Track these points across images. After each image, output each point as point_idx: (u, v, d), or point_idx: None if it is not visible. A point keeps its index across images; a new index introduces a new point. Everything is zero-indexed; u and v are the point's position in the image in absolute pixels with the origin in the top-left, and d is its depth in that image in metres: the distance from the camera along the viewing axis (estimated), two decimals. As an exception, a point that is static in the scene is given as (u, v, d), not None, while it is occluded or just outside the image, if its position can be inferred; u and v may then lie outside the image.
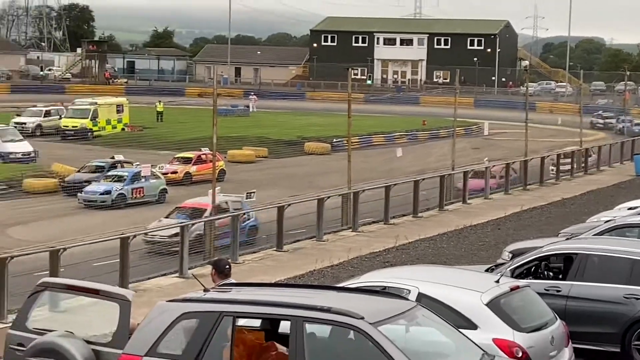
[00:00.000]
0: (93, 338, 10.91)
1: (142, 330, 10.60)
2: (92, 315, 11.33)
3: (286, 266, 23.78)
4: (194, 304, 10.72)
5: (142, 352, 10.35)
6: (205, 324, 10.32)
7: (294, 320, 10.00)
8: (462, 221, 31.96)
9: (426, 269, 16.08)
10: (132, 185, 46.05)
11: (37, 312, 11.56)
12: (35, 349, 10.88)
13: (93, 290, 11.80)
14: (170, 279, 22.65)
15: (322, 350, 9.92)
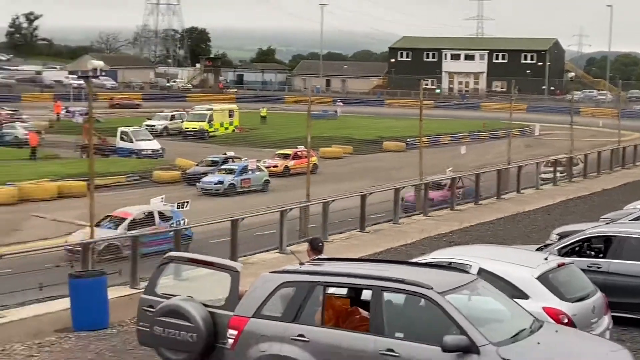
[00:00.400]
0: (209, 302, 11.03)
1: (249, 296, 10.73)
2: (208, 283, 11.46)
3: (368, 245, 23.78)
4: (292, 275, 10.81)
5: (249, 314, 10.48)
6: (301, 291, 10.41)
7: (374, 289, 10.07)
8: (516, 208, 31.65)
9: (485, 247, 15.97)
10: (240, 177, 46.42)
11: (164, 280, 11.74)
12: (163, 311, 11.04)
13: (209, 263, 11.96)
14: (272, 254, 22.81)
15: (397, 315, 9.96)
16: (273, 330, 10.30)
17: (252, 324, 10.43)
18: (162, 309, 11.05)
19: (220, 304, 11.00)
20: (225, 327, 10.68)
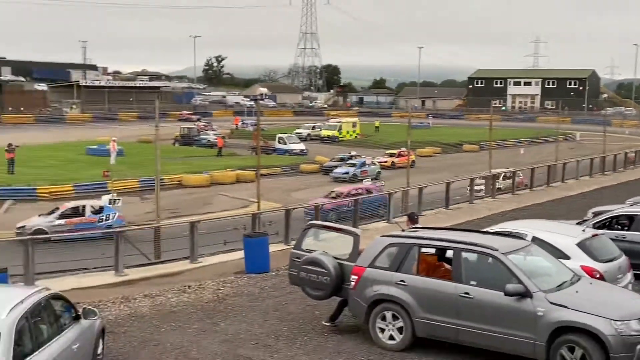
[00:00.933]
0: (338, 256, 11.15)
1: (366, 252, 10.84)
2: (337, 242, 11.57)
3: (450, 218, 23.55)
4: (396, 238, 10.91)
5: (365, 265, 10.61)
6: (402, 250, 10.49)
7: (455, 250, 10.11)
8: (561, 193, 30.88)
9: (537, 221, 15.57)
10: (360, 169, 46.54)
11: (307, 239, 11.92)
12: (306, 260, 11.22)
13: (338, 229, 12.12)
14: (382, 224, 22.80)
15: (471, 269, 9.92)
16: (382, 277, 10.38)
17: (367, 272, 10.54)
18: (306, 260, 11.23)
19: (345, 257, 11.12)
20: (349, 273, 10.81)
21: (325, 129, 74.83)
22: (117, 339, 10.59)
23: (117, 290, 14.23)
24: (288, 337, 10.86)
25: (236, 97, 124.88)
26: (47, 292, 8.03)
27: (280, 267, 15.47)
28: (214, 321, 11.75)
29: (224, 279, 15.03)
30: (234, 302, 13.06)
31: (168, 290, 13.96)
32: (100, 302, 12.69)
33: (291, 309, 12.43)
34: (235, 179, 42.85)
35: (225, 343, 10.51)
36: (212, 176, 42.74)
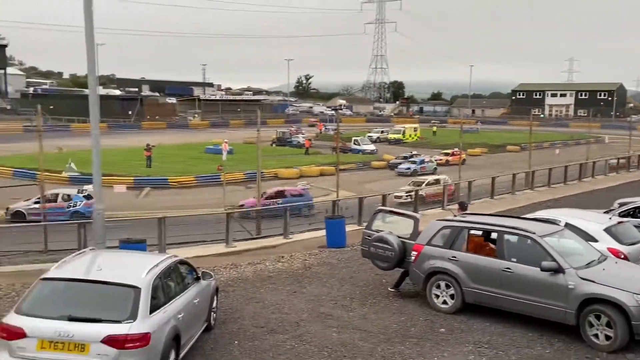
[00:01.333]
0: (401, 235, 11.08)
1: (424, 232, 10.71)
2: (400, 225, 11.47)
3: (495, 206, 22.87)
4: (449, 222, 10.73)
5: (424, 243, 10.49)
6: (454, 232, 10.32)
7: (499, 232, 9.90)
8: (591, 187, 29.54)
9: (570, 210, 14.93)
10: (420, 165, 45.87)
11: (376, 222, 11.88)
12: (375, 238, 11.20)
13: (401, 214, 11.99)
14: (437, 210, 22.47)
15: (512, 248, 9.64)
16: (437, 253, 10.24)
17: (425, 249, 10.41)
18: (375, 238, 11.21)
19: (407, 236, 11.02)
20: (410, 249, 10.71)
21: (391, 133, 74.21)
22: (227, 296, 10.86)
23: (227, 258, 14.58)
24: (360, 299, 10.87)
25: (320, 107, 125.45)
26: (175, 258, 8.25)
27: (354, 244, 15.49)
28: (301, 285, 11.89)
29: (310, 252, 15.17)
30: (317, 270, 13.18)
31: (266, 259, 14.20)
32: (215, 267, 13.03)
33: (363, 277, 12.44)
34: (319, 173, 43.06)
35: (310, 302, 10.63)
36: (301, 170, 43.11)
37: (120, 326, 6.35)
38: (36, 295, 6.68)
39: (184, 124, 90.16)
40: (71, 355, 6.17)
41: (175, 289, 7.65)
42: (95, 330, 6.26)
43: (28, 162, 37.99)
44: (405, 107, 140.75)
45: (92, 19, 11.02)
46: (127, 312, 6.49)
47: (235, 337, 8.77)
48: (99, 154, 11.51)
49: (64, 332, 6.21)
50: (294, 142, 63.21)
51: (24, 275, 12.20)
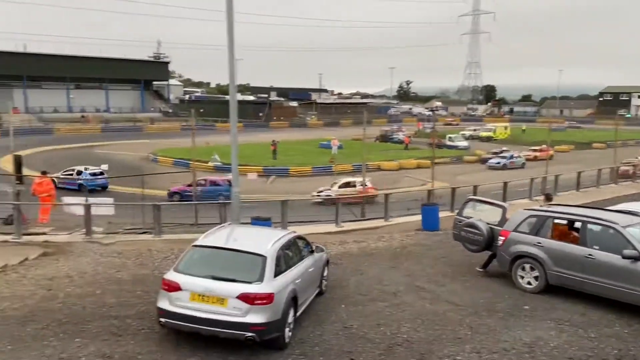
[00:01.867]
0: (489, 222, 10.61)
1: (511, 220, 10.19)
2: (489, 212, 10.96)
3: (580, 198, 21.03)
4: (535, 211, 10.10)
5: (510, 229, 9.98)
6: (540, 220, 9.71)
7: (582, 222, 9.16)
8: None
9: None
10: (509, 160, 43.59)
11: (466, 209, 11.45)
12: (466, 224, 10.81)
13: (491, 203, 11.45)
14: (525, 200, 21.13)
15: (595, 237, 8.91)
16: (523, 239, 9.70)
17: (512, 235, 9.90)
18: (466, 223, 10.82)
19: (495, 223, 10.53)
20: (498, 235, 10.23)
21: (483, 131, 70.97)
22: (336, 267, 10.99)
23: (336, 236, 14.74)
24: (451, 276, 10.58)
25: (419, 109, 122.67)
26: (294, 233, 8.47)
27: (447, 228, 15.04)
28: (399, 261, 11.78)
29: (407, 234, 14.96)
30: (413, 250, 12.98)
31: (369, 238, 14.19)
32: (326, 243, 13.19)
33: (454, 257, 12.07)
34: (416, 166, 42.26)
35: (407, 277, 10.51)
36: (400, 163, 42.60)
37: (251, 286, 6.67)
38: (188, 258, 7.18)
39: (303, 123, 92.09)
40: (214, 307, 6.59)
41: (294, 259, 7.85)
42: (232, 288, 6.63)
43: (184, 153, 40.83)
44: (497, 107, 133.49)
45: (233, 40, 11.57)
46: (256, 275, 6.81)
47: (343, 302, 8.89)
48: (237, 147, 12.11)
49: (208, 288, 6.63)
50: (395, 138, 62.42)
51: (180, 242, 13.16)
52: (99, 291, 9.10)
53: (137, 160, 42.29)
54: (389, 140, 62.54)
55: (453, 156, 48.86)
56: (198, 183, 25.68)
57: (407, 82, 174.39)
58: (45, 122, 67.18)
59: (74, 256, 11.67)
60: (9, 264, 10.70)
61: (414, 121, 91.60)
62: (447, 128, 73.74)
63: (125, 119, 75.87)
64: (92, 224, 13.99)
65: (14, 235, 13.33)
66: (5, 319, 7.63)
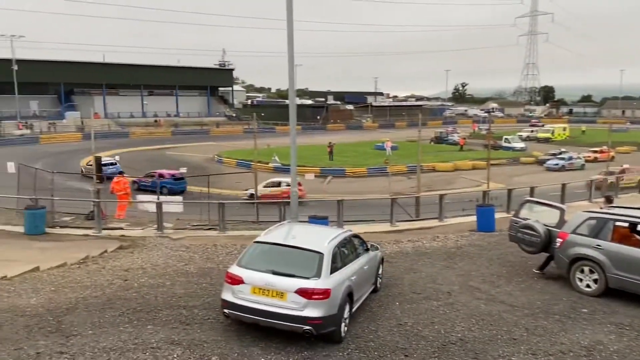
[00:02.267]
0: (547, 223, 10.17)
1: (570, 222, 9.69)
2: (546, 214, 10.51)
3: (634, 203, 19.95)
4: (595, 214, 9.55)
5: (569, 231, 9.52)
6: (599, 223, 9.20)
7: None
8: None
9: None
10: (568, 162, 41.41)
11: (523, 210, 11.02)
12: (523, 225, 10.41)
13: (548, 204, 10.94)
14: (583, 202, 20.05)
15: None
16: (582, 241, 9.23)
17: (571, 237, 9.44)
18: (523, 225, 10.42)
19: (553, 225, 10.08)
20: (555, 237, 9.78)
21: (541, 132, 67.93)
22: (390, 266, 10.92)
23: (391, 235, 14.63)
24: (506, 277, 10.22)
25: (474, 110, 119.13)
26: (350, 232, 8.46)
27: (502, 229, 14.56)
28: (453, 261, 11.53)
29: (461, 234, 14.63)
30: (467, 250, 12.66)
31: (423, 238, 13.99)
32: (381, 241, 13.15)
33: (509, 259, 11.66)
34: (471, 167, 41.10)
35: (461, 276, 10.27)
36: (455, 164, 41.58)
37: (309, 281, 6.75)
38: (250, 253, 7.36)
39: (359, 125, 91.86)
40: (274, 300, 6.72)
41: (350, 257, 7.86)
42: (290, 283, 6.74)
43: (246, 155, 41.82)
44: (555, 108, 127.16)
45: (292, 48, 11.75)
46: (313, 271, 6.89)
47: (397, 299, 8.81)
48: (295, 149, 12.29)
49: (269, 282, 6.78)
50: (450, 140, 61.03)
51: (242, 238, 13.54)
52: (169, 282, 9.51)
53: (204, 162, 43.75)
54: (443, 141, 61.22)
55: (509, 157, 47.08)
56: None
57: (462, 84, 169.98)
58: (122, 126, 71.01)
59: (147, 250, 12.28)
60: (90, 255, 11.41)
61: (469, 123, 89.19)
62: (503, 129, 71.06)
63: (193, 123, 78.77)
64: (163, 220, 14.63)
65: (94, 229, 14.20)
66: (87, 306, 8.07)
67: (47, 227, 14.03)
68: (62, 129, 63.27)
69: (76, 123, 66.50)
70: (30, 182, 17.04)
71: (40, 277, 9.65)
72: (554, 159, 43.05)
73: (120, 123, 73.55)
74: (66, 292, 8.80)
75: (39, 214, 13.70)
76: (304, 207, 16.12)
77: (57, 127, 64.36)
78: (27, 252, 11.66)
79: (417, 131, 22.38)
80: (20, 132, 58.99)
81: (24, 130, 60.25)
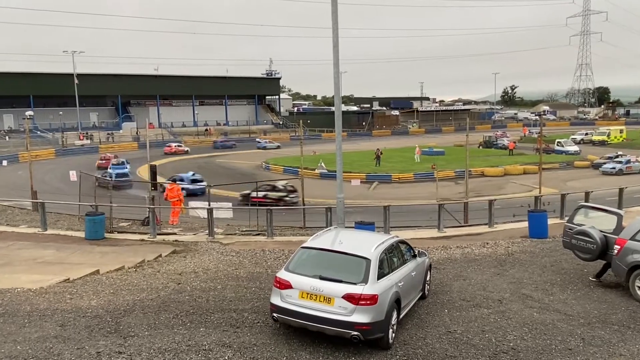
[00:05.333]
0: (603, 230, 9.69)
1: (629, 228, 9.23)
2: (602, 220, 9.98)
3: None
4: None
5: (627, 238, 9.05)
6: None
7: None
8: None
9: None
10: (626, 165, 39.02)
11: (578, 216, 10.53)
12: (577, 231, 9.98)
13: (605, 210, 10.41)
14: None
15: None
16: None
17: (629, 243, 8.98)
18: (578, 231, 9.99)
19: (610, 231, 9.60)
20: (612, 243, 9.32)
21: (596, 134, 64.75)
22: (438, 272, 10.75)
23: (439, 241, 14.38)
24: (561, 285, 9.81)
25: (525, 114, 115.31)
26: (397, 238, 8.37)
27: (556, 235, 13.99)
28: (504, 268, 11.18)
29: (513, 240, 14.17)
30: (519, 257, 12.24)
31: (472, 244, 13.66)
32: (428, 248, 12.98)
33: (563, 266, 11.19)
34: (522, 171, 39.69)
35: (512, 284, 9.94)
36: (505, 169, 40.33)
37: (356, 287, 6.74)
38: (298, 258, 7.42)
39: (405, 131, 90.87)
40: (321, 305, 6.75)
41: (397, 263, 7.79)
42: (338, 288, 6.75)
43: (292, 161, 42.28)
44: (611, 110, 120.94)
45: (338, 54, 11.85)
46: (360, 277, 6.87)
47: (446, 307, 8.65)
48: (341, 155, 12.34)
49: (316, 287, 6.82)
50: (499, 144, 59.32)
51: (290, 244, 13.70)
52: (219, 286, 9.74)
53: (252, 169, 44.60)
54: (492, 146, 59.62)
55: (562, 161, 45.16)
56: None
57: (511, 87, 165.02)
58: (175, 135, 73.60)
59: (199, 254, 12.64)
60: (145, 259, 11.87)
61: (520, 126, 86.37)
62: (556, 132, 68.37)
63: (241, 131, 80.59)
64: (213, 225, 15.02)
65: (149, 235, 14.77)
66: (144, 308, 8.31)
67: (106, 232, 14.71)
68: (120, 139, 66.39)
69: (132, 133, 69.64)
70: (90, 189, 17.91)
71: (100, 280, 10.10)
72: (611, 162, 40.91)
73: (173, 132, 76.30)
74: (124, 294, 9.17)
75: (98, 219, 14.36)
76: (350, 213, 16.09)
77: (114, 137, 67.65)
78: (88, 256, 12.24)
79: (465, 136, 21.91)
80: (81, 142, 62.34)
81: (84, 140, 63.65)
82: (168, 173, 34.13)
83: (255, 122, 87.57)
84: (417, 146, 49.33)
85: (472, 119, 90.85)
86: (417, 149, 48.06)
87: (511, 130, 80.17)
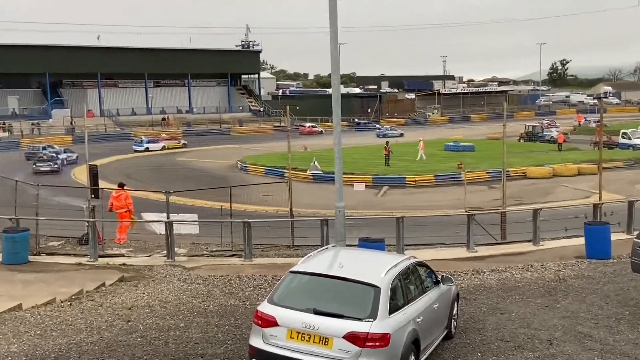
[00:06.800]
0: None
1: None
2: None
3: None
4: None
5: None
6: None
7: None
8: None
9: None
10: None
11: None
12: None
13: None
14: None
15: None
16: None
17: None
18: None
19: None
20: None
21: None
22: (468, 304, 10.75)
23: (468, 263, 14.40)
24: (630, 321, 9.83)
25: (579, 97, 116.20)
26: (414, 259, 8.38)
27: (622, 255, 14.06)
28: (554, 298, 11.21)
29: (565, 262, 14.21)
30: (574, 283, 12.28)
31: (512, 267, 13.70)
32: (455, 272, 12.99)
33: (633, 295, 11.22)
34: (576, 172, 39.96)
35: (565, 319, 9.96)
36: (554, 169, 40.64)
37: (362, 324, 6.71)
38: (285, 287, 7.40)
39: (423, 119, 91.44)
40: (316, 347, 6.72)
41: (414, 292, 7.79)
42: (338, 326, 6.72)
43: (278, 160, 42.28)
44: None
45: (336, 21, 11.85)
46: (367, 311, 6.85)
47: (478, 349, 8.64)
48: (340, 152, 12.32)
49: (310, 324, 6.78)
50: (546, 136, 59.90)
51: (274, 267, 13.67)
52: (182, 324, 9.71)
53: (224, 170, 44.62)
54: (537, 138, 60.22)
55: (629, 158, 45.53)
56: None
57: (562, 62, 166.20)
58: (122, 126, 73.46)
59: (155, 282, 12.59)
60: (84, 290, 11.80)
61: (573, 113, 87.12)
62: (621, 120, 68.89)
63: (210, 121, 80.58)
64: (174, 244, 14.97)
65: (89, 257, 14.69)
66: (81, 354, 8.25)
67: (30, 254, 14.59)
68: (48, 131, 66.15)
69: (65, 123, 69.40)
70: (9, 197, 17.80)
71: (23, 318, 10.02)
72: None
73: (120, 122, 76.16)
74: (55, 336, 9.10)
75: (20, 237, 14.16)
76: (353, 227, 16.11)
77: (41, 128, 67.35)
78: (7, 286, 12.12)
79: (502, 126, 22.01)
80: (-6, 135, 62.07)
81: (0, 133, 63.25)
82: (116, 177, 34.00)
83: (228, 109, 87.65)
84: (421, 140, 49.54)
85: (511, 104, 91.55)
86: (421, 143, 48.25)
87: (561, 119, 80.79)
